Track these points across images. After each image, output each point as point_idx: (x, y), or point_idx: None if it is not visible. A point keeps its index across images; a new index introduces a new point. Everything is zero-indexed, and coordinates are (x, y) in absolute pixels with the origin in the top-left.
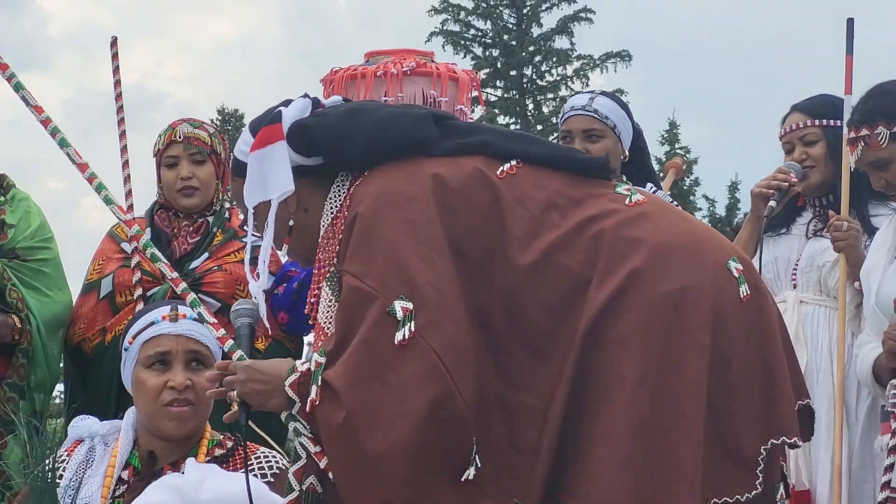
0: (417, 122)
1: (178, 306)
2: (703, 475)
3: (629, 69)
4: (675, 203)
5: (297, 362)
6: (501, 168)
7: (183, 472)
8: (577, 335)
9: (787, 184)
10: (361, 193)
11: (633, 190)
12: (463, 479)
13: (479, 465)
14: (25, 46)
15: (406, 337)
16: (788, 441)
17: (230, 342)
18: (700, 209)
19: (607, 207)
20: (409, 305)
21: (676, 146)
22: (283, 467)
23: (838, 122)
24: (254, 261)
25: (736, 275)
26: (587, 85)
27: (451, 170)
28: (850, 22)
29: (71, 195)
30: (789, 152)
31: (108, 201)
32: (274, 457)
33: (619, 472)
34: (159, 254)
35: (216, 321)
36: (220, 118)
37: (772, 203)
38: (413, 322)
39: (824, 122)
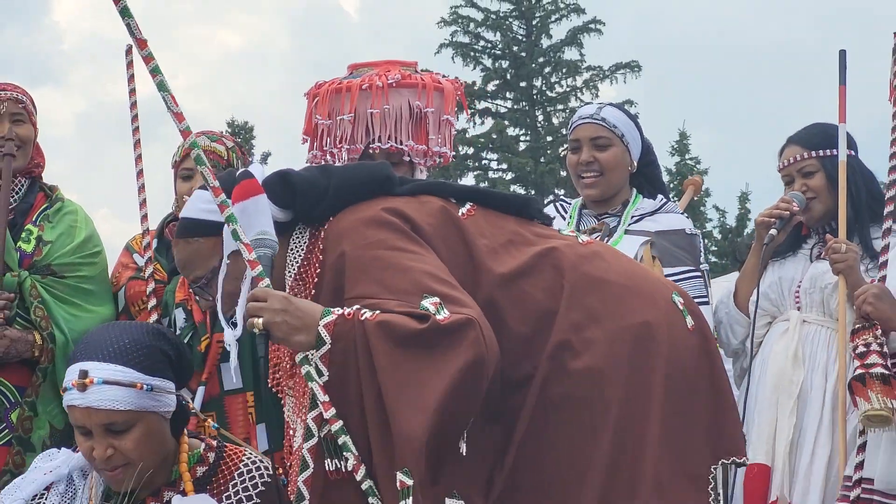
0: (379, 166)
1: (90, 370)
2: (665, 496)
3: (639, 80)
4: (688, 216)
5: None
6: (461, 210)
7: None
8: (541, 364)
9: (788, 212)
10: (336, 233)
11: (577, 233)
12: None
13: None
14: (41, 61)
15: (446, 314)
16: (738, 461)
17: (259, 268)
18: (710, 220)
19: (563, 242)
20: (436, 299)
21: (686, 157)
22: (269, 478)
23: (835, 151)
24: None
25: (681, 307)
26: (597, 96)
27: (416, 205)
28: (843, 53)
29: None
30: (789, 184)
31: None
32: (258, 468)
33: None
34: (206, 160)
35: (248, 242)
36: (229, 130)
37: (772, 231)
38: (445, 309)
39: (821, 152)
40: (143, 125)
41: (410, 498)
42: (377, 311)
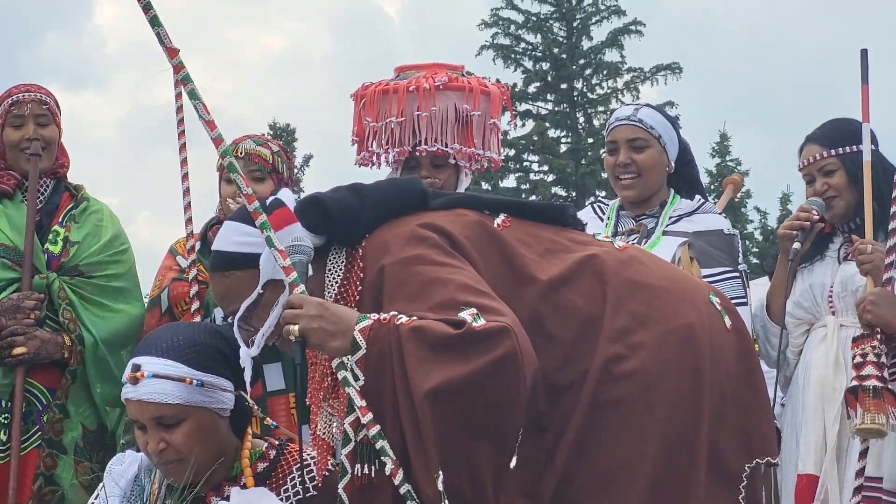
0: (412, 181)
1: (142, 364)
2: (711, 496)
3: (680, 81)
4: (726, 216)
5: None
6: (496, 221)
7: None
8: (590, 370)
9: (809, 223)
10: (374, 251)
11: (613, 238)
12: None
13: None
14: (84, 65)
15: (482, 322)
16: (773, 462)
17: (294, 274)
18: (751, 221)
19: (601, 249)
20: (473, 310)
21: (727, 158)
22: (332, 469)
23: (854, 148)
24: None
25: (718, 307)
26: (638, 97)
27: (452, 218)
28: (864, 53)
29: (125, 210)
30: (810, 183)
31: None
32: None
33: (645, 498)
34: (238, 168)
35: (283, 249)
36: (271, 133)
37: (795, 245)
38: (482, 318)
39: (840, 150)
40: (187, 126)
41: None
42: (413, 317)
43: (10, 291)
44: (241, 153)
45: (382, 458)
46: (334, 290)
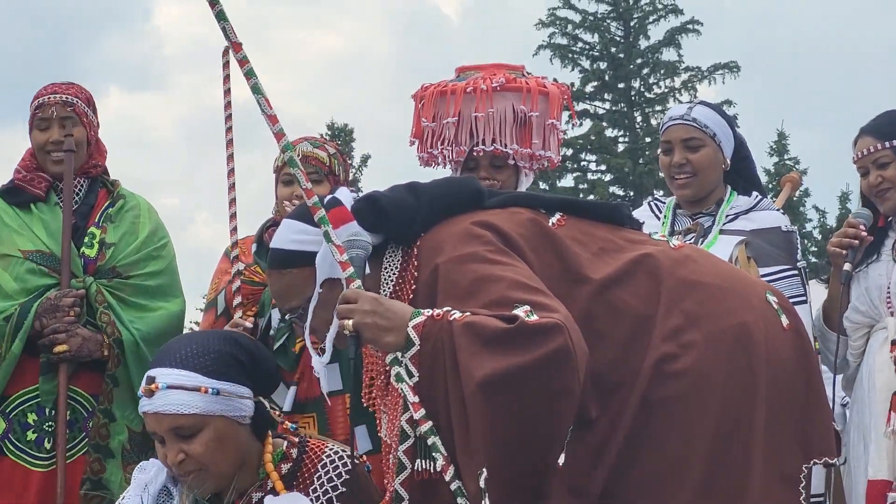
0: (467, 180)
1: (156, 376)
2: (768, 497)
3: (738, 80)
4: (784, 213)
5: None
6: (551, 220)
7: None
8: (642, 369)
9: (857, 241)
10: (428, 249)
11: (668, 237)
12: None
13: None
14: (144, 67)
15: (535, 318)
16: (830, 462)
17: (350, 269)
18: (810, 220)
19: (656, 248)
20: (527, 307)
21: (785, 157)
22: (352, 466)
23: None
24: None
25: (775, 306)
26: (695, 97)
27: (506, 217)
28: None
29: (184, 211)
30: (864, 176)
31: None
32: (340, 457)
33: (695, 498)
34: (298, 163)
35: (341, 244)
36: (329, 133)
37: (846, 268)
38: (535, 315)
39: (895, 142)
40: (245, 129)
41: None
42: (466, 313)
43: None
44: (299, 155)
45: (434, 454)
46: (389, 288)
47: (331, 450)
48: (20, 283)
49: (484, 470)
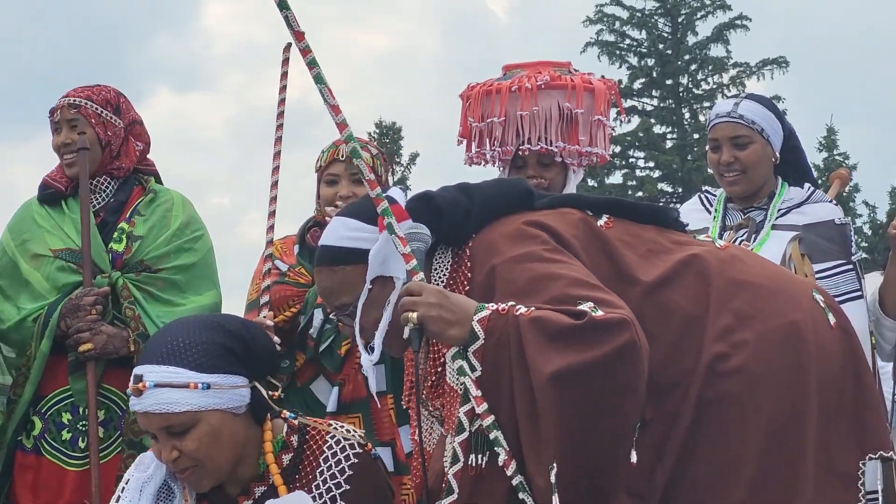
0: (518, 181)
1: (143, 374)
2: (823, 496)
3: (786, 76)
4: (837, 204)
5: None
6: (599, 221)
7: None
8: (697, 368)
9: None
10: (482, 250)
11: (713, 237)
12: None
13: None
14: (193, 66)
15: (601, 313)
16: (885, 455)
17: (414, 261)
18: (860, 215)
19: (702, 248)
20: (590, 304)
21: (835, 152)
22: (361, 451)
23: None
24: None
25: (822, 305)
26: (744, 93)
27: (557, 217)
28: None
29: (233, 211)
30: None
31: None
32: (347, 440)
33: (747, 498)
34: (361, 153)
35: (403, 236)
36: (377, 131)
37: None
38: (599, 310)
39: None
40: (291, 130)
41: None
42: (531, 308)
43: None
44: (343, 156)
45: (496, 448)
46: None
47: (332, 439)
48: (51, 282)
49: (555, 465)
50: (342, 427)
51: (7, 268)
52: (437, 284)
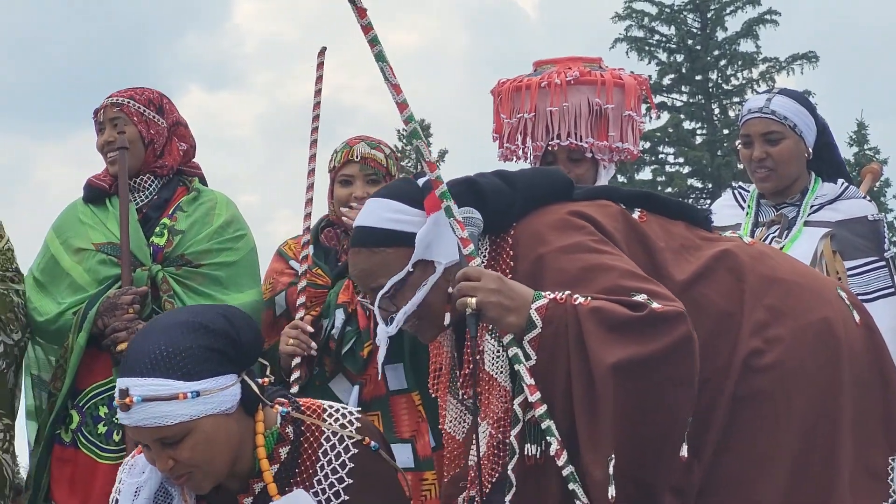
0: (558, 171)
1: (129, 388)
2: (856, 493)
3: (816, 70)
4: (870, 200)
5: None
6: (633, 215)
7: None
8: (732, 364)
9: None
10: (526, 239)
11: (743, 234)
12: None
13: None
14: (223, 64)
15: (658, 306)
16: None
17: (471, 246)
18: (891, 210)
19: (732, 244)
20: (644, 296)
21: (865, 147)
22: (360, 445)
23: None
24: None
25: (847, 302)
26: (773, 88)
27: (598, 209)
28: None
29: (263, 209)
30: None
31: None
32: (341, 440)
33: (779, 496)
34: (421, 133)
35: (461, 220)
36: (406, 130)
37: None
38: (655, 302)
39: None
40: (322, 127)
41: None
42: (589, 298)
43: (117, 288)
44: (357, 157)
45: (548, 438)
46: None
47: (329, 430)
48: (92, 275)
49: (613, 456)
50: (336, 414)
51: (49, 265)
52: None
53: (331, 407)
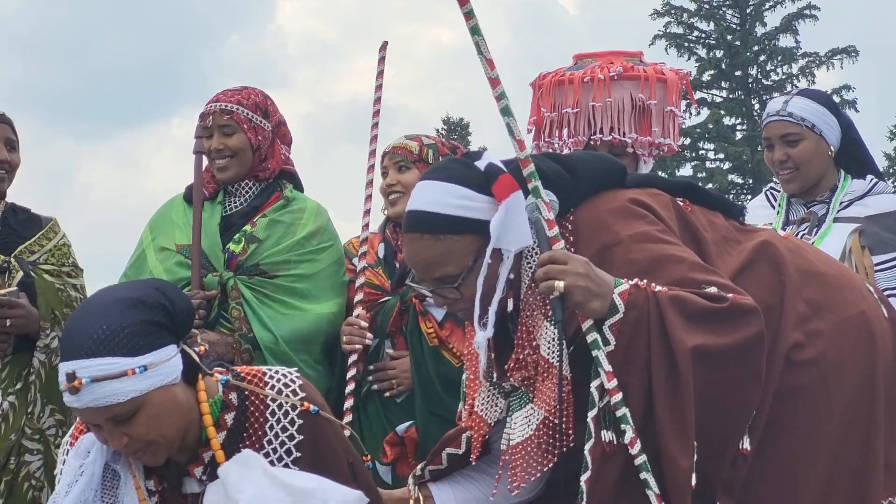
0: (613, 158)
1: (76, 370)
2: (890, 487)
3: (856, 65)
4: None
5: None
6: (679, 202)
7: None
8: (774, 359)
9: None
10: (587, 225)
11: (774, 225)
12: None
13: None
14: (267, 65)
15: (730, 298)
16: None
17: (556, 229)
18: None
19: (770, 235)
20: (714, 288)
21: None
22: (302, 397)
23: None
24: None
25: (876, 297)
26: (813, 83)
27: (651, 197)
28: None
29: None
30: None
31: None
32: (285, 390)
33: (818, 489)
34: (511, 111)
35: (551, 217)
36: (445, 128)
37: None
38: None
39: None
40: (363, 127)
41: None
42: (665, 287)
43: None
44: (390, 149)
45: (622, 426)
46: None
47: (271, 400)
48: (169, 275)
49: (696, 444)
50: (277, 376)
51: (137, 260)
52: (530, 255)
53: (270, 370)
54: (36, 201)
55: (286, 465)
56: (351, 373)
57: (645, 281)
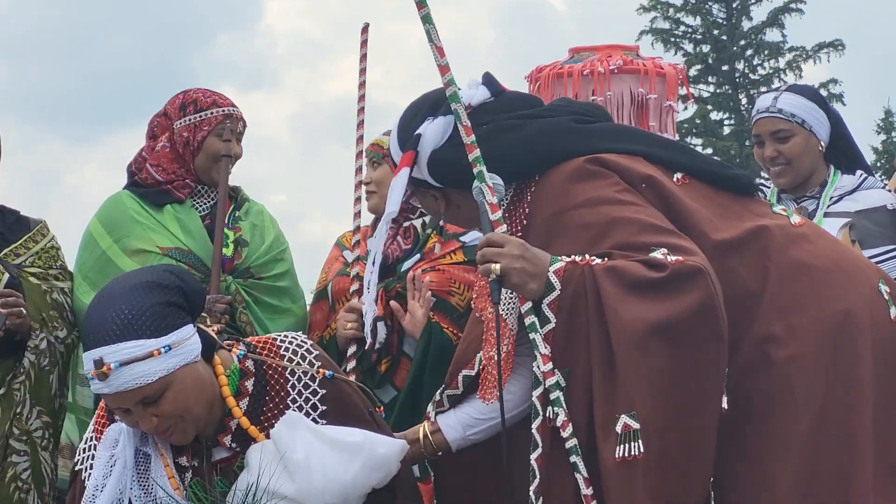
0: (588, 126)
1: (103, 356)
2: (878, 490)
3: (842, 58)
4: (892, 191)
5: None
6: (675, 176)
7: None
8: (743, 348)
9: None
10: (544, 190)
11: (790, 212)
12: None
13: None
14: (258, 65)
15: (675, 260)
16: None
17: (499, 213)
18: None
19: (773, 222)
20: (664, 250)
21: (893, 135)
22: (318, 366)
23: None
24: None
25: (886, 297)
26: (800, 77)
27: (626, 160)
28: None
29: (294, 206)
30: None
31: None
32: (304, 360)
33: (793, 484)
34: (460, 97)
35: (494, 202)
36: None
37: None
38: (673, 257)
39: None
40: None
41: (638, 441)
42: (606, 259)
43: None
44: (368, 145)
45: (555, 408)
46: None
47: (288, 371)
48: None
49: (623, 416)
50: (292, 346)
51: (100, 264)
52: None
53: (279, 336)
54: (24, 203)
55: (314, 422)
56: (351, 364)
57: (585, 256)
